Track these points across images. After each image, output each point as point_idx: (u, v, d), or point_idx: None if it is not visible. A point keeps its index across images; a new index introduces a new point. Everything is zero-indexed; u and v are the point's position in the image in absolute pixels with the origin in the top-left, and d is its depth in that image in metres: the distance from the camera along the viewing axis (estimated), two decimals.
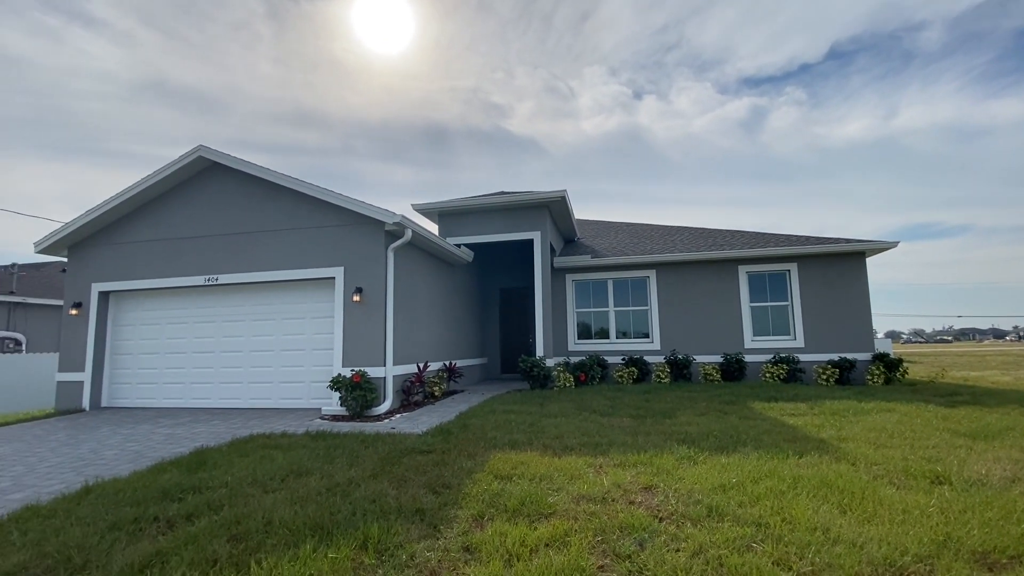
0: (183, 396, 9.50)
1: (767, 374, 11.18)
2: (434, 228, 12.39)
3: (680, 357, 11.75)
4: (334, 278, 8.57)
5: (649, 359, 12.13)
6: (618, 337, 12.93)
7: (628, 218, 17.32)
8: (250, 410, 8.89)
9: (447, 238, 11.80)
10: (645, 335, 12.74)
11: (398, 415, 7.85)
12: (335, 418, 7.80)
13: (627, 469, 4.35)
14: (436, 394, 9.61)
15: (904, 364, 11.00)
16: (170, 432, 7.21)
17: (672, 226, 15.58)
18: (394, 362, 8.45)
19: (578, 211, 13.62)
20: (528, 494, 3.67)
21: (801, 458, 4.44)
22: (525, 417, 7.03)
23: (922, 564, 2.55)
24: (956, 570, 2.49)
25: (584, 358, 11.95)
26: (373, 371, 8.10)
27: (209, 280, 9.24)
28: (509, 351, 14.64)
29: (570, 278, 13.26)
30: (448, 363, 10.77)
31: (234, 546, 3.00)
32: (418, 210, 12.12)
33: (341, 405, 7.84)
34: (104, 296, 9.96)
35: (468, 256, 11.64)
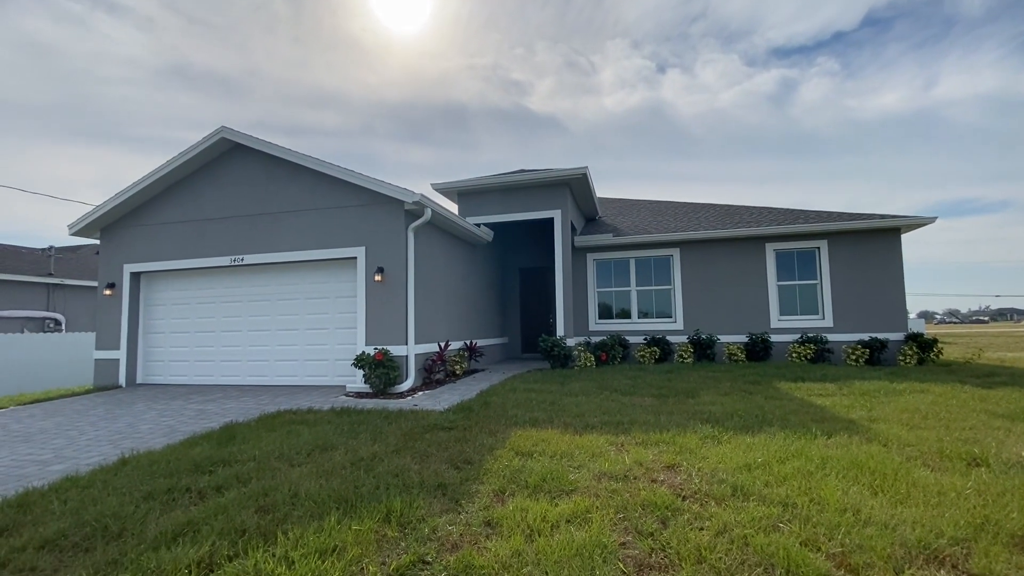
0: (213, 373, 9.78)
1: (794, 354, 10.94)
2: (454, 208, 12.34)
3: (704, 337, 11.57)
4: (356, 258, 8.62)
5: (672, 339, 11.98)
6: (640, 317, 12.79)
7: (651, 196, 16.96)
8: (277, 387, 9.11)
9: (467, 218, 11.74)
10: (668, 315, 12.57)
11: (420, 393, 7.94)
12: (359, 395, 7.93)
13: (649, 448, 4.31)
14: (457, 373, 9.69)
15: (939, 344, 10.62)
16: (201, 408, 7.43)
17: (696, 203, 15.21)
18: (416, 341, 8.52)
19: (600, 190, 13.41)
20: (549, 471, 3.67)
21: (830, 439, 4.33)
22: (546, 395, 7.04)
23: (958, 547, 2.46)
24: (994, 554, 2.40)
25: (605, 338, 11.87)
26: (395, 349, 8.18)
27: (235, 260, 9.41)
28: (529, 331, 14.64)
29: (591, 257, 13.11)
30: (469, 342, 10.82)
31: (262, 517, 3.08)
32: (437, 189, 12.07)
33: (365, 382, 7.97)
34: (135, 277, 10.24)
35: (488, 236, 11.58)
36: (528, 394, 7.15)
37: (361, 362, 7.81)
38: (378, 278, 8.30)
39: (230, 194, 9.62)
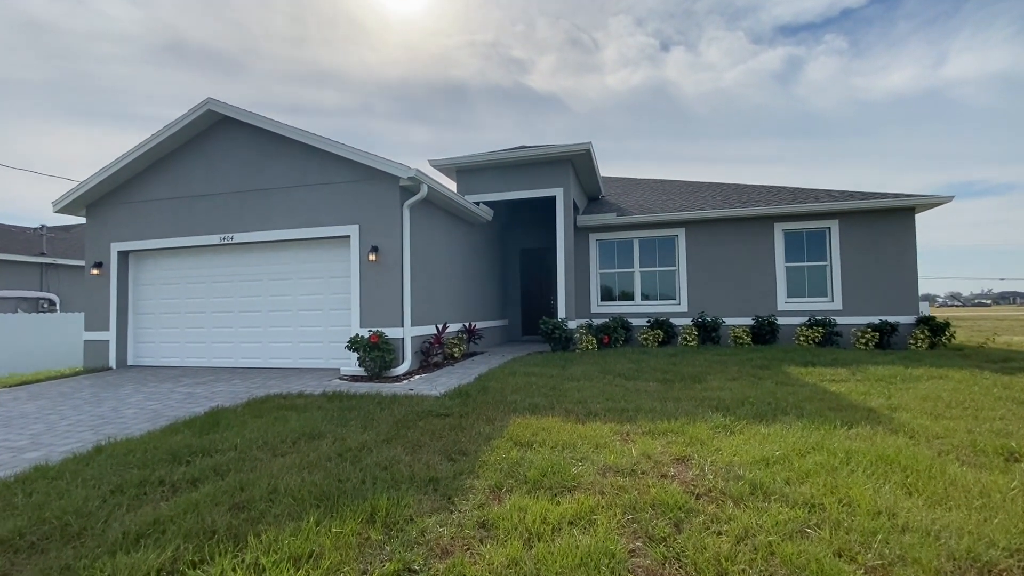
0: (205, 355, 9.52)
1: (801, 337, 10.65)
2: (452, 186, 11.93)
3: (708, 319, 11.27)
4: (349, 236, 8.28)
5: (675, 321, 11.68)
6: (643, 299, 12.47)
7: (655, 176, 16.50)
8: (270, 370, 8.85)
9: (465, 196, 11.35)
10: (671, 297, 12.25)
11: (416, 376, 7.68)
12: (353, 378, 7.67)
13: (657, 438, 4.03)
14: (456, 356, 9.43)
15: (951, 328, 10.32)
16: (190, 391, 7.18)
17: (702, 182, 14.76)
18: (412, 323, 8.23)
19: (603, 169, 12.96)
20: (550, 464, 3.39)
21: (851, 429, 4.04)
22: (546, 380, 6.76)
23: (1013, 559, 2.18)
24: None
25: (607, 320, 11.58)
26: (391, 332, 7.89)
27: (224, 239, 9.07)
28: (530, 313, 14.35)
29: (594, 237, 12.73)
30: (468, 324, 10.54)
31: (235, 516, 2.81)
32: (435, 166, 11.64)
33: (359, 366, 7.70)
34: (123, 256, 9.92)
35: (487, 214, 11.20)
36: (528, 378, 6.88)
37: (355, 345, 7.53)
38: (372, 258, 7.97)
39: (219, 170, 9.23)
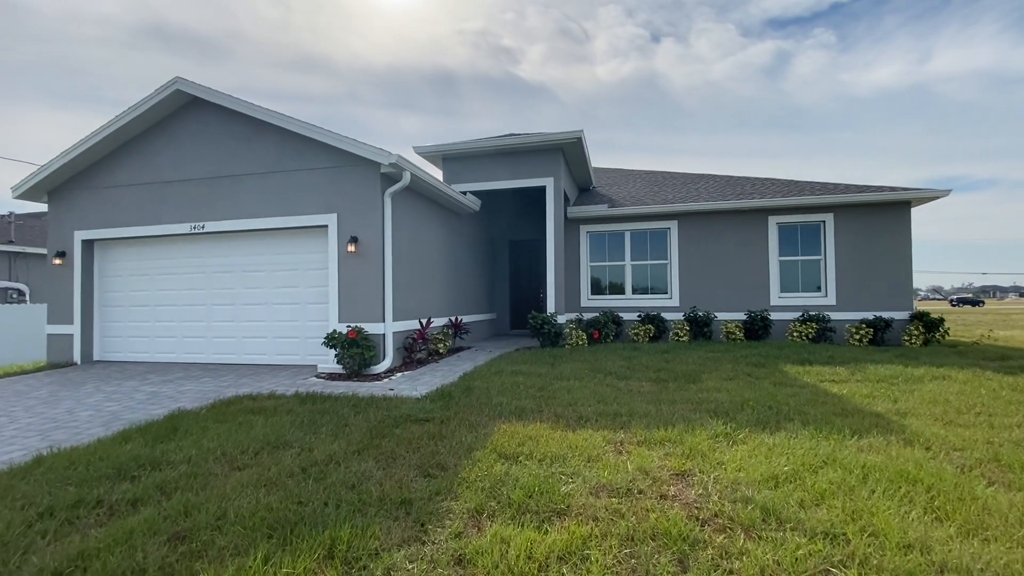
0: (175, 350, 9.04)
1: (795, 333, 10.43)
2: (438, 174, 11.48)
3: (700, 314, 11.01)
4: (327, 226, 7.83)
5: (667, 316, 11.41)
6: (634, 293, 12.17)
7: (644, 168, 16.15)
8: (244, 366, 8.41)
9: (452, 185, 10.91)
10: (663, 291, 11.96)
11: (398, 374, 7.30)
12: (331, 376, 7.28)
13: (653, 448, 3.71)
14: (441, 351, 9.06)
15: (945, 324, 10.16)
16: (155, 390, 6.73)
17: (695, 174, 14.45)
18: (394, 318, 7.83)
19: (593, 160, 12.58)
20: (537, 482, 3.05)
21: (861, 439, 3.75)
22: (534, 379, 6.43)
23: None
24: None
25: (598, 314, 11.27)
26: (371, 327, 7.49)
27: (195, 228, 8.56)
28: (519, 306, 14.01)
29: (584, 229, 12.38)
30: (453, 319, 10.16)
31: (172, 549, 2.43)
32: (420, 153, 11.18)
33: (337, 363, 7.30)
34: (88, 245, 9.36)
35: (475, 204, 10.78)
36: (515, 377, 6.53)
37: (332, 341, 7.12)
38: (351, 248, 7.54)
39: (188, 154, 8.69)
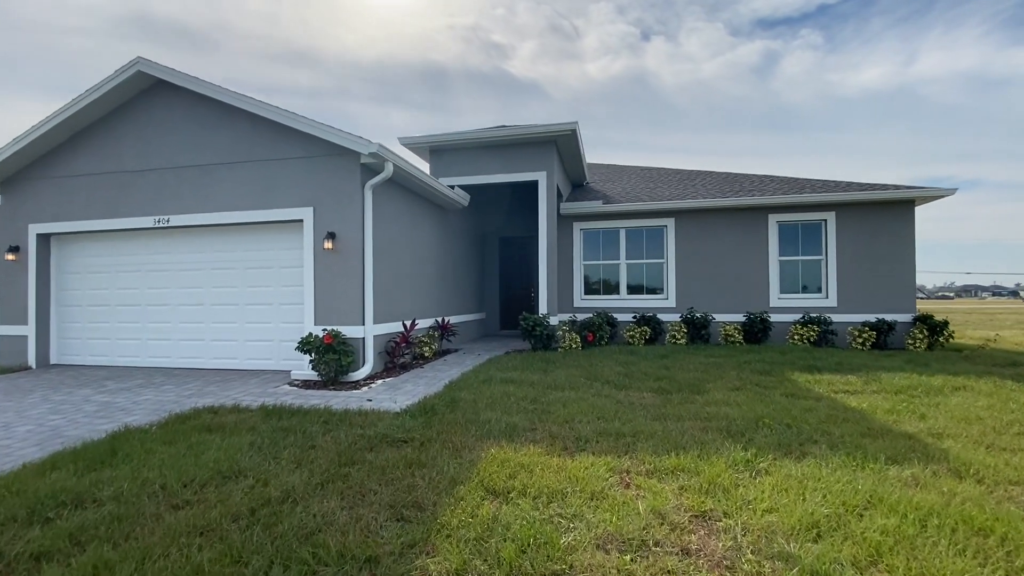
0: (139, 354, 8.38)
1: (796, 336, 10.04)
2: (425, 167, 10.90)
3: (698, 316, 10.57)
4: (302, 221, 7.23)
5: (663, 317, 10.96)
6: (629, 293, 11.71)
7: (638, 164, 15.69)
8: (212, 371, 7.80)
9: (440, 178, 10.34)
10: (659, 291, 11.51)
11: (379, 381, 6.75)
12: (305, 384, 6.70)
13: (665, 480, 3.21)
14: (426, 355, 8.51)
15: (950, 327, 9.83)
16: (108, 400, 6.11)
17: (692, 170, 14.02)
18: (375, 320, 7.26)
19: (585, 156, 12.09)
20: (532, 531, 2.53)
21: (902, 468, 3.29)
22: (526, 389, 5.91)
23: None
24: None
25: (591, 315, 10.79)
26: (349, 330, 6.92)
27: (159, 222, 7.90)
28: (509, 306, 13.49)
29: (578, 226, 11.88)
30: (440, 320, 9.61)
31: None
32: (406, 144, 10.58)
33: (312, 369, 6.72)
34: (44, 239, 8.65)
35: (463, 199, 10.22)
36: (505, 387, 6.01)
37: (307, 346, 6.54)
38: (328, 245, 6.95)
39: (153, 142, 8.02)
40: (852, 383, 6.11)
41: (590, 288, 11.97)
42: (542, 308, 10.09)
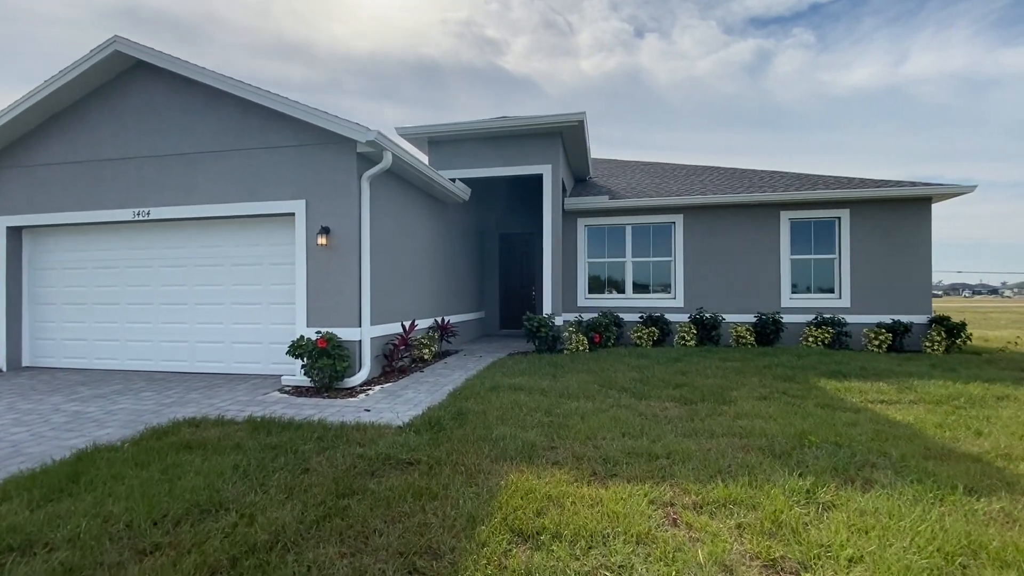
0: (118, 356, 7.83)
1: (810, 338, 9.66)
2: (424, 160, 10.38)
3: (708, 316, 10.16)
4: (293, 214, 6.71)
5: (671, 317, 10.55)
6: (635, 292, 11.28)
7: (640, 160, 15.25)
8: (197, 375, 7.27)
9: (438, 172, 9.83)
10: (666, 290, 11.10)
11: (376, 387, 6.27)
12: (297, 390, 6.20)
13: (717, 515, 2.77)
14: (426, 357, 8.03)
15: (967, 329, 9.50)
16: (80, 410, 5.57)
17: (699, 166, 13.60)
18: (372, 321, 6.78)
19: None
20: None
21: (988, 501, 2.87)
22: (538, 398, 5.46)
23: None
24: None
25: (596, 315, 10.34)
26: (345, 332, 6.43)
27: (139, 214, 7.35)
28: (510, 304, 13.03)
29: (582, 222, 11.42)
30: (440, 320, 9.13)
31: None
32: (404, 135, 10.06)
33: (305, 375, 6.22)
34: (15, 232, 8.06)
35: (464, 193, 9.73)
36: (515, 395, 5.55)
37: (299, 350, 6.03)
38: (322, 241, 6.44)
39: (133, 129, 7.45)
40: (885, 391, 5.71)
41: (594, 286, 11.53)
42: (546, 308, 9.64)
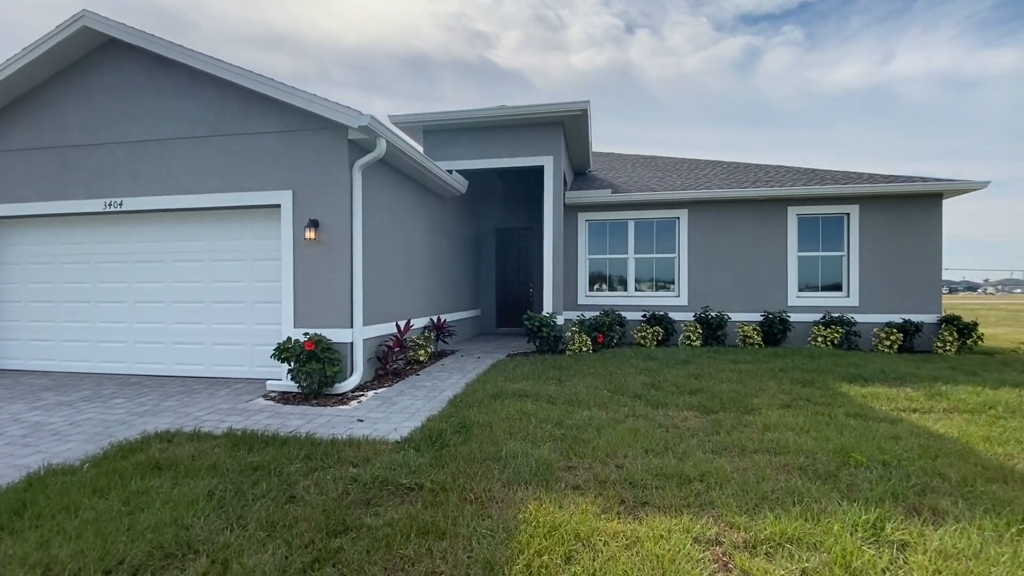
0: (89, 358, 7.28)
1: (819, 337, 9.35)
2: (419, 150, 9.87)
3: (713, 315, 9.81)
4: (279, 206, 6.20)
5: (675, 316, 10.18)
6: (638, 289, 10.90)
7: (642, 153, 14.85)
8: (174, 379, 6.75)
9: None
10: (669, 287, 10.72)
11: (370, 393, 5.81)
12: (283, 397, 5.73)
13: (777, 560, 2.37)
14: (421, 359, 7.57)
15: (979, 329, 9.24)
16: (41, 420, 5.05)
17: (703, 160, 13.22)
18: (364, 321, 6.30)
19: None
20: None
21: None
22: (546, 407, 5.04)
23: None
24: None
25: (598, 313, 9.94)
26: (335, 334, 5.95)
27: (111, 205, 6.78)
28: (507, 301, 12.60)
29: (583, 217, 11.00)
30: (436, 319, 8.67)
31: None
32: (397, 123, 9.54)
33: (291, 380, 5.74)
34: None
35: (461, 185, 9.25)
36: (521, 403, 5.13)
37: (285, 353, 5.55)
38: (310, 235, 5.95)
39: (103, 112, 6.87)
40: (914, 398, 5.37)
41: (595, 283, 11.13)
42: (546, 306, 9.22)
